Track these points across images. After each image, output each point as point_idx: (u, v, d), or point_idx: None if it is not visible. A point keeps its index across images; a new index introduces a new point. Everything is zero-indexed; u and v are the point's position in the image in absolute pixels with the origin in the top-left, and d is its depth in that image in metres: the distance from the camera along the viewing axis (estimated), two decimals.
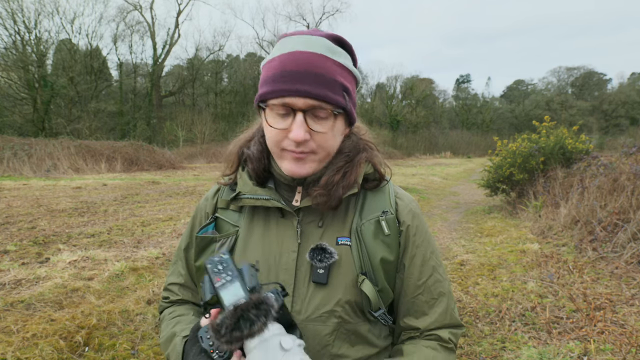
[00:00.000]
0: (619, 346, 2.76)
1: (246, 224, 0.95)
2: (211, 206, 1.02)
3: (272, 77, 0.81)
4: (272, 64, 0.84)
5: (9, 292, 3.51)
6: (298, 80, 0.78)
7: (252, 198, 0.92)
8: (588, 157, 7.53)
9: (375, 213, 0.93)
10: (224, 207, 1.00)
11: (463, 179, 17.82)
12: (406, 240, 0.94)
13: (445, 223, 7.81)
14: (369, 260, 0.90)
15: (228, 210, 0.99)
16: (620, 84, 56.93)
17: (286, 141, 0.84)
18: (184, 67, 39.34)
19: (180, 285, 1.05)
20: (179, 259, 1.06)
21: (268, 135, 0.87)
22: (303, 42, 0.82)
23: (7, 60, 24.28)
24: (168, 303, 1.06)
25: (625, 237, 4.53)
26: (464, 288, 4.05)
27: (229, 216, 0.98)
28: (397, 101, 49.93)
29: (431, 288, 0.93)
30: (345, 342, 0.88)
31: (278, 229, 0.93)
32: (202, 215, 1.04)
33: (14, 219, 6.43)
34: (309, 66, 0.79)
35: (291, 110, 0.81)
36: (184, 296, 1.04)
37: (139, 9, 32.94)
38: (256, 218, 0.96)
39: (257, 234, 0.94)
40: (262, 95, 0.83)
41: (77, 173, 15.66)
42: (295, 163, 0.85)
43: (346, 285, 0.88)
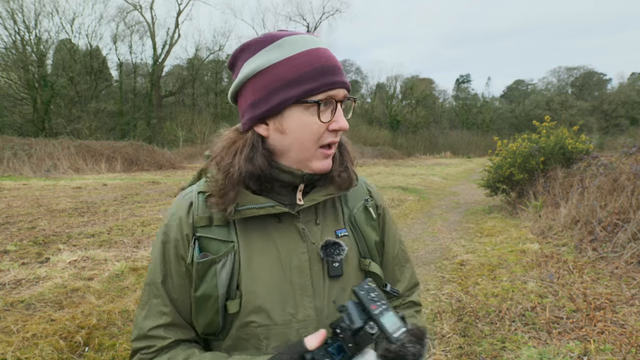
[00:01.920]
0: (619, 346, 2.76)
1: (242, 237, 0.89)
2: (188, 226, 0.89)
3: (313, 72, 0.82)
4: (299, 60, 0.82)
5: (9, 292, 3.51)
6: (337, 74, 0.84)
7: (255, 208, 0.86)
8: (588, 157, 7.53)
9: (359, 202, 1.02)
10: (205, 225, 0.89)
11: (463, 179, 17.82)
12: (383, 222, 1.06)
13: (445, 223, 7.81)
14: (365, 245, 0.99)
15: (212, 227, 0.89)
16: (620, 84, 56.99)
17: (326, 134, 0.86)
18: (184, 67, 39.34)
19: (167, 326, 0.88)
20: (154, 297, 0.89)
21: (306, 135, 0.84)
22: (314, 41, 0.86)
23: (7, 60, 24.29)
24: (154, 353, 0.87)
25: (625, 237, 4.53)
26: (464, 288, 4.06)
27: (214, 233, 0.88)
28: (397, 101, 49.96)
29: (400, 258, 1.09)
30: None
31: (279, 233, 0.90)
32: (178, 238, 0.89)
33: (14, 219, 6.43)
34: (337, 61, 0.86)
35: (334, 103, 0.85)
36: (175, 336, 0.89)
37: (139, 9, 32.94)
38: (251, 228, 0.90)
39: (258, 244, 0.89)
40: (308, 91, 0.82)
41: (77, 173, 15.66)
42: (328, 159, 0.89)
43: (354, 273, 0.95)
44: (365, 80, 53.31)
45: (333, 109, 0.84)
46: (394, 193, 11.28)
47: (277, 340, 0.87)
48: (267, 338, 0.87)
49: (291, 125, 0.84)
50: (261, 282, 0.87)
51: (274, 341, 0.87)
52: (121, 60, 33.52)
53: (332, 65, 0.84)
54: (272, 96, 0.83)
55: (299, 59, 0.82)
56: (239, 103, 0.90)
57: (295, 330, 0.87)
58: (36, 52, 25.09)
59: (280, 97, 0.82)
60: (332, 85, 0.82)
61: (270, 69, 0.83)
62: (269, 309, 0.87)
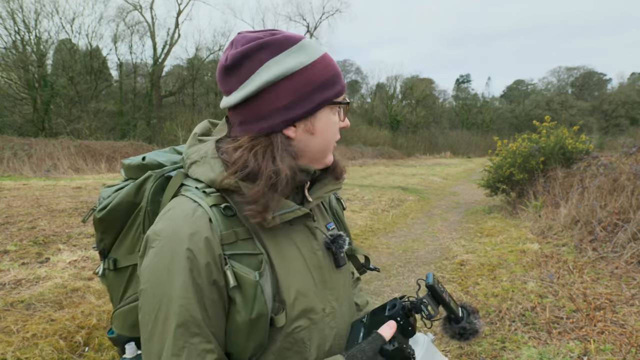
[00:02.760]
0: (619, 346, 2.76)
1: (271, 245, 0.85)
2: (218, 246, 0.78)
3: (335, 75, 0.89)
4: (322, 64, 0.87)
5: (9, 292, 3.51)
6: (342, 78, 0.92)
7: (287, 212, 0.84)
8: (588, 157, 7.54)
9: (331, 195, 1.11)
10: (232, 241, 0.80)
11: (463, 179, 17.82)
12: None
13: (445, 223, 7.81)
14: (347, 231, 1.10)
15: (237, 242, 0.81)
16: (620, 84, 56.91)
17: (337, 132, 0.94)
18: (184, 67, 39.31)
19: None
20: (193, 336, 0.75)
21: (331, 133, 0.91)
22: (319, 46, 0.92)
23: (7, 60, 24.29)
24: None
25: (625, 237, 4.53)
26: (464, 288, 4.06)
27: (242, 247, 0.81)
28: (397, 101, 49.91)
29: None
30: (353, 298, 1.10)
31: (296, 235, 0.91)
32: (209, 262, 0.77)
33: (14, 219, 6.43)
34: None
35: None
36: None
37: (139, 9, 32.94)
38: (274, 235, 0.87)
39: (285, 249, 0.87)
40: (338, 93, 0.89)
41: (77, 173, 15.66)
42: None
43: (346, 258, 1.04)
44: (365, 80, 53.28)
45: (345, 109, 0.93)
46: (394, 193, 11.28)
47: (317, 339, 0.89)
48: (310, 339, 0.88)
49: (321, 126, 0.88)
50: (297, 286, 0.87)
51: (314, 340, 0.89)
52: (121, 60, 33.51)
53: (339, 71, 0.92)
54: (309, 98, 0.84)
55: (324, 62, 0.87)
56: (256, 105, 0.84)
57: (327, 324, 0.92)
58: (36, 52, 25.09)
59: (318, 98, 0.85)
60: (345, 88, 0.92)
61: (303, 70, 0.83)
62: (307, 310, 0.88)
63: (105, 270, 1.04)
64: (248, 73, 0.83)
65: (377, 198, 10.19)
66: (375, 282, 4.51)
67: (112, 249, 1.03)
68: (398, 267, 5.04)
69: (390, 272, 4.86)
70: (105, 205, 0.99)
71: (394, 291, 4.23)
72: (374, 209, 8.79)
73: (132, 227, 0.98)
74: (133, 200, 0.95)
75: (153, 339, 0.76)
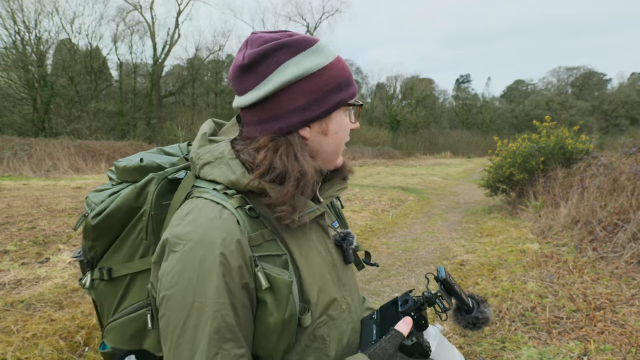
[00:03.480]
0: (619, 346, 2.76)
1: (293, 245, 0.86)
2: (248, 248, 0.78)
3: (348, 78, 0.90)
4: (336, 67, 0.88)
5: (9, 292, 3.51)
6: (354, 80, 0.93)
7: (309, 212, 0.86)
8: (588, 157, 7.54)
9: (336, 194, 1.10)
10: (258, 243, 0.80)
11: (463, 179, 17.82)
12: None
13: (445, 223, 7.81)
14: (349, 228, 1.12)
15: (263, 244, 0.81)
16: (620, 84, 56.88)
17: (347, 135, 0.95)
18: (184, 67, 39.33)
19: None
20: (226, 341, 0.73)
21: (344, 135, 0.93)
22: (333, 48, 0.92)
23: (7, 60, 24.29)
24: None
25: (625, 237, 4.53)
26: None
27: (267, 249, 0.81)
28: (397, 101, 49.90)
29: None
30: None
31: (311, 233, 0.93)
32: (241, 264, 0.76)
33: (14, 219, 6.43)
34: None
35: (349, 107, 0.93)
36: None
37: (139, 9, 32.94)
38: (294, 235, 0.87)
39: (305, 249, 0.88)
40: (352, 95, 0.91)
41: (77, 173, 15.66)
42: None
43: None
44: (365, 80, 53.21)
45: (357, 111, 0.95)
46: (394, 193, 11.28)
47: (335, 335, 0.90)
48: (329, 335, 0.89)
49: (334, 127, 0.90)
50: (318, 284, 0.88)
51: (333, 336, 0.90)
52: (121, 61, 33.52)
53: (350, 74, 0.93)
54: (326, 99, 0.85)
55: (338, 65, 0.88)
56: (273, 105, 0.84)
57: (343, 320, 0.93)
58: (36, 52, 25.09)
59: (334, 100, 0.87)
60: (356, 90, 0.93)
61: (320, 72, 0.85)
62: (328, 307, 0.90)
63: (95, 280, 0.98)
64: (266, 73, 0.82)
65: (377, 198, 10.19)
66: (375, 282, 4.51)
67: (104, 258, 0.97)
68: (398, 267, 5.04)
69: (390, 272, 4.86)
70: (100, 211, 0.93)
71: (394, 291, 4.23)
72: (374, 209, 8.80)
73: (132, 233, 0.93)
74: (133, 204, 0.91)
75: (181, 347, 0.73)
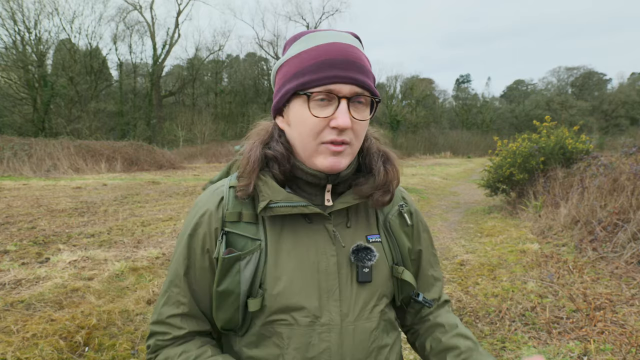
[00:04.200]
0: (619, 346, 2.76)
1: (270, 236, 0.87)
2: (218, 221, 0.88)
3: (314, 65, 0.80)
4: (309, 54, 0.81)
5: (9, 292, 3.51)
6: (344, 68, 0.79)
7: (289, 206, 0.84)
8: (588, 157, 7.54)
9: (394, 207, 0.99)
10: (234, 220, 0.88)
11: (463, 179, 17.82)
12: (417, 228, 1.04)
13: (445, 223, 7.81)
14: (399, 252, 0.97)
15: (240, 223, 0.87)
16: (620, 84, 56.88)
17: (326, 131, 0.82)
18: (184, 67, 39.35)
19: (183, 316, 0.90)
20: (174, 286, 0.90)
21: (306, 128, 0.82)
22: (335, 35, 0.83)
23: (7, 60, 24.29)
24: (169, 340, 0.90)
25: (625, 237, 4.53)
26: (464, 288, 4.05)
27: (243, 229, 0.87)
28: (397, 101, 49.90)
29: (432, 262, 1.08)
30: (385, 332, 0.94)
31: (308, 234, 0.89)
32: (206, 232, 0.88)
33: (14, 219, 6.43)
34: (351, 55, 0.81)
35: (335, 98, 0.80)
36: (190, 327, 0.91)
37: (139, 9, 32.95)
38: (280, 227, 0.88)
39: (287, 244, 0.88)
40: (304, 84, 0.80)
41: (77, 173, 15.66)
42: (334, 157, 0.83)
43: (383, 280, 0.93)
44: None
45: (337, 104, 0.80)
46: None
47: (299, 342, 0.85)
48: (290, 338, 0.86)
49: (293, 118, 0.85)
50: (287, 282, 0.86)
51: (295, 342, 0.85)
52: (121, 60, 33.53)
53: (341, 59, 0.79)
54: (281, 88, 0.86)
55: (308, 53, 0.81)
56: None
57: (317, 334, 0.86)
58: (36, 52, 25.10)
59: (284, 89, 0.84)
60: (333, 79, 0.79)
61: (286, 62, 0.85)
62: (292, 310, 0.86)
63: None
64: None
65: None
66: None
67: None
68: None
69: None
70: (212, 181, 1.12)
71: None
72: None
73: None
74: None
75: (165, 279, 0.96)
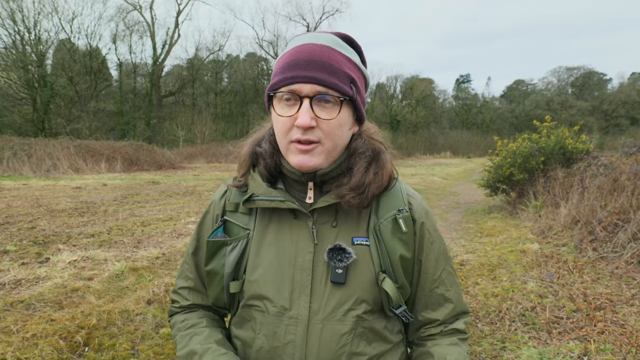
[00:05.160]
0: (619, 346, 2.76)
1: (258, 227, 0.95)
2: (220, 209, 1.01)
3: (281, 68, 0.85)
4: (282, 58, 0.87)
5: (9, 292, 3.51)
6: (304, 68, 0.81)
7: (267, 200, 0.90)
8: (588, 157, 7.53)
9: (391, 212, 0.95)
10: (232, 210, 0.99)
11: (463, 179, 17.81)
12: (421, 237, 0.97)
13: (445, 223, 7.81)
14: (388, 258, 0.92)
15: (237, 213, 0.98)
16: (620, 84, 56.88)
17: (294, 130, 0.84)
18: (183, 67, 39.34)
19: (190, 289, 1.06)
20: (186, 263, 1.07)
21: (277, 127, 0.88)
22: (311, 37, 0.87)
23: (7, 60, 24.29)
24: (178, 308, 1.08)
25: (625, 237, 4.53)
26: (464, 288, 4.05)
27: (238, 219, 0.98)
28: (397, 101, 49.90)
29: (445, 281, 0.99)
30: (363, 339, 0.90)
31: (291, 230, 0.92)
32: (211, 218, 1.03)
33: (14, 219, 6.43)
34: (315, 55, 0.82)
35: (298, 98, 0.82)
36: (194, 300, 1.06)
37: (139, 9, 32.94)
38: (268, 220, 0.95)
39: (270, 236, 0.94)
40: (272, 85, 0.85)
41: (77, 173, 15.65)
42: (303, 155, 0.85)
43: (364, 284, 0.90)
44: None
45: (299, 104, 0.82)
46: None
47: (267, 330, 0.90)
48: (262, 324, 0.91)
49: (273, 119, 0.91)
50: (263, 271, 0.92)
51: (265, 329, 0.90)
52: (121, 60, 33.52)
53: (303, 60, 0.81)
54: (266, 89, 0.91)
55: (285, 55, 0.87)
56: None
57: (284, 325, 0.88)
58: (36, 52, 25.10)
59: (266, 92, 0.90)
60: (292, 80, 0.81)
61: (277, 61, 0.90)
62: (264, 298, 0.90)
63: None
64: None
65: None
66: None
67: None
68: None
69: None
70: None
71: None
72: None
73: None
74: None
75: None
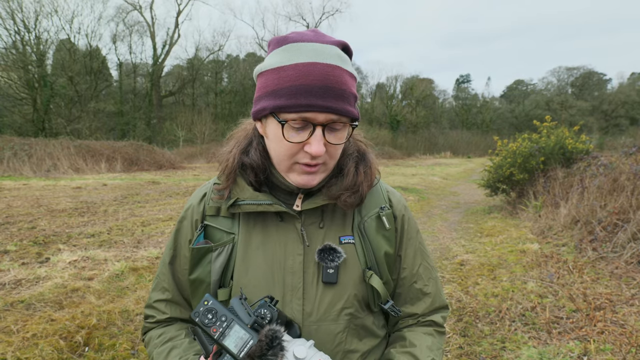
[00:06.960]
0: (619, 346, 2.76)
1: (243, 231, 0.92)
2: (199, 214, 0.95)
3: (289, 89, 0.77)
4: (286, 73, 0.78)
5: (9, 292, 3.51)
6: (321, 97, 0.76)
7: (254, 204, 0.88)
8: (588, 157, 7.54)
9: (374, 209, 0.97)
10: (213, 214, 0.94)
11: (463, 179, 17.81)
12: (401, 233, 0.99)
13: (445, 223, 7.80)
14: (373, 256, 0.94)
15: (218, 217, 0.94)
16: (620, 84, 56.88)
17: (301, 154, 0.83)
18: (183, 67, 39.33)
19: (167, 302, 0.99)
20: (162, 274, 1.00)
21: (280, 148, 0.83)
22: (316, 52, 0.79)
23: (7, 60, 24.28)
24: (154, 323, 1.00)
25: (625, 237, 4.53)
26: (464, 288, 4.05)
27: (220, 223, 0.93)
28: (397, 101, 49.92)
29: (423, 275, 1.00)
30: (355, 337, 0.92)
31: (278, 232, 0.91)
32: (189, 224, 0.96)
33: (14, 219, 6.43)
34: (328, 81, 0.77)
35: (309, 124, 0.79)
36: (172, 313, 0.99)
37: (139, 9, 32.95)
38: (253, 223, 0.92)
39: (256, 239, 0.91)
40: (280, 107, 0.79)
41: (77, 173, 15.65)
42: (307, 176, 0.85)
43: (354, 282, 0.91)
44: (365, 80, 53.20)
45: (311, 130, 0.80)
46: None
47: None
48: None
49: (269, 134, 0.86)
50: (252, 276, 0.89)
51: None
52: (121, 60, 33.52)
53: (319, 86, 0.76)
54: (259, 100, 0.85)
55: (288, 71, 0.78)
56: None
57: None
58: (36, 52, 25.10)
59: (261, 104, 0.83)
60: (308, 108, 0.77)
61: (268, 72, 0.82)
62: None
63: None
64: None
65: None
66: None
67: None
68: None
69: None
70: None
71: None
72: None
73: None
74: None
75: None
